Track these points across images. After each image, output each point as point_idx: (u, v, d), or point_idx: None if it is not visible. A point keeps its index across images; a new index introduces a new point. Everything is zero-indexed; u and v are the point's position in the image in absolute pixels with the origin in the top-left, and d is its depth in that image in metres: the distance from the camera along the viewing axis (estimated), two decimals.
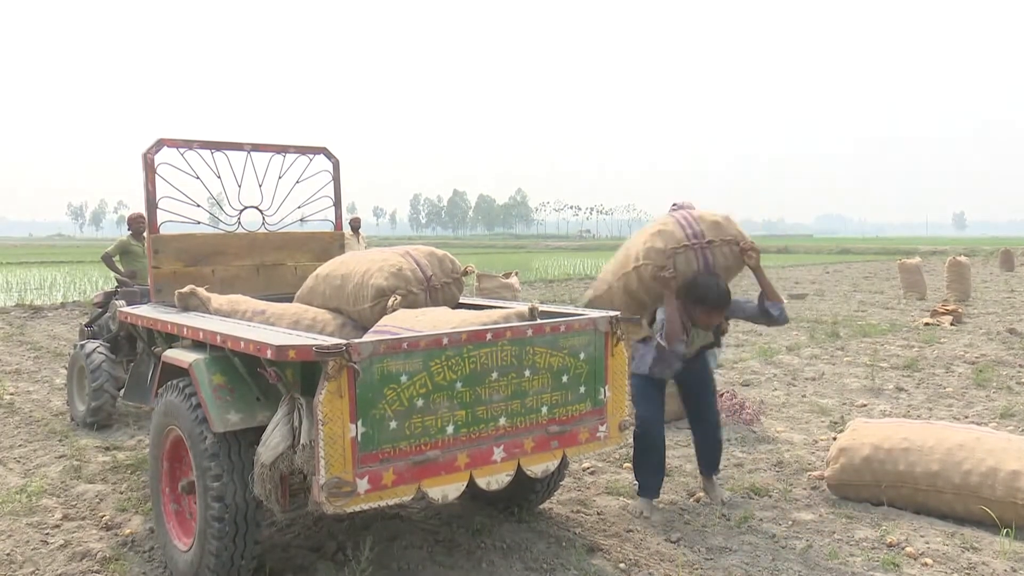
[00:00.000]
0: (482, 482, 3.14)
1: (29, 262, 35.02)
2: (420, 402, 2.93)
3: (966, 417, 6.10)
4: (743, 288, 7.45)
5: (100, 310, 6.61)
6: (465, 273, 4.12)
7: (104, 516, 4.13)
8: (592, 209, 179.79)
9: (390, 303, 3.63)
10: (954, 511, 3.93)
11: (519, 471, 3.25)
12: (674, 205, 5.90)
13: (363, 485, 2.80)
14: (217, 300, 3.97)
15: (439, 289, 3.94)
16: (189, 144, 4.62)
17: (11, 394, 7.25)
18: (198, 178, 4.69)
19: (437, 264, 3.98)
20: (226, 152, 4.76)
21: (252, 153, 4.83)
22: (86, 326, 6.66)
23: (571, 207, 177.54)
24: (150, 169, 4.43)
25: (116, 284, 6.66)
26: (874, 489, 4.13)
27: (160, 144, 4.48)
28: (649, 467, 4.12)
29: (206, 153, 4.68)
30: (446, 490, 3.03)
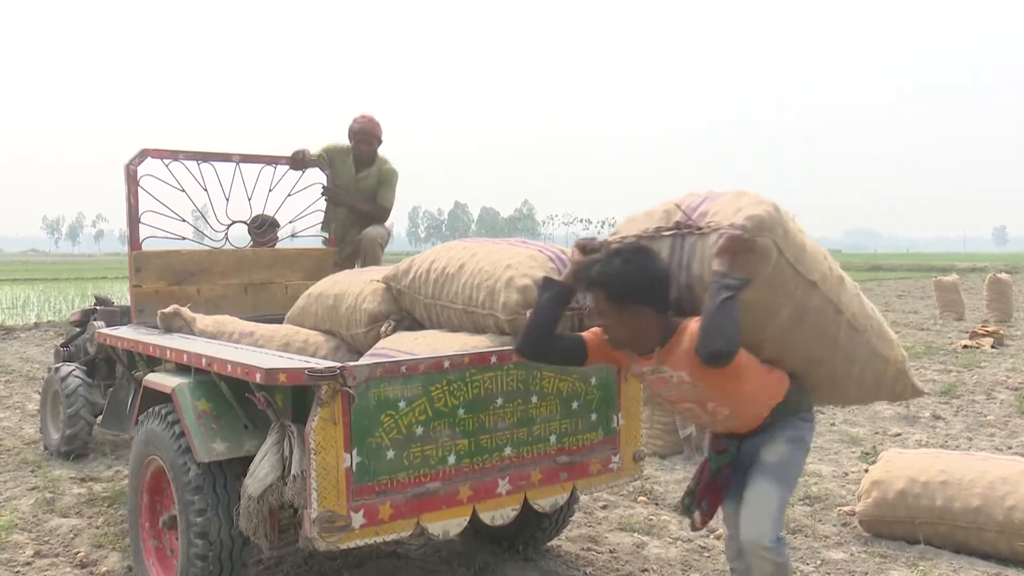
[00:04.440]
0: (486, 517, 3.13)
1: (0, 280, 35.20)
2: (419, 430, 2.94)
3: (1009, 448, 6.06)
4: None
5: (77, 329, 6.64)
6: None
7: (79, 553, 4.13)
8: (604, 223, 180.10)
9: (383, 329, 3.63)
10: (997, 550, 3.90)
11: (525, 505, 3.24)
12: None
13: (358, 519, 2.80)
14: (202, 321, 3.99)
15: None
16: (174, 155, 4.67)
17: None
18: (183, 191, 4.74)
19: None
20: (213, 163, 4.81)
21: (241, 164, 4.88)
22: (62, 346, 6.68)
23: (581, 220, 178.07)
24: (132, 181, 4.48)
25: (94, 301, 6.69)
26: (909, 526, 4.10)
27: (143, 155, 4.53)
28: None
29: (192, 164, 4.73)
30: (447, 525, 3.03)
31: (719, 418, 2.69)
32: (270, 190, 5.01)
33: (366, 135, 5.44)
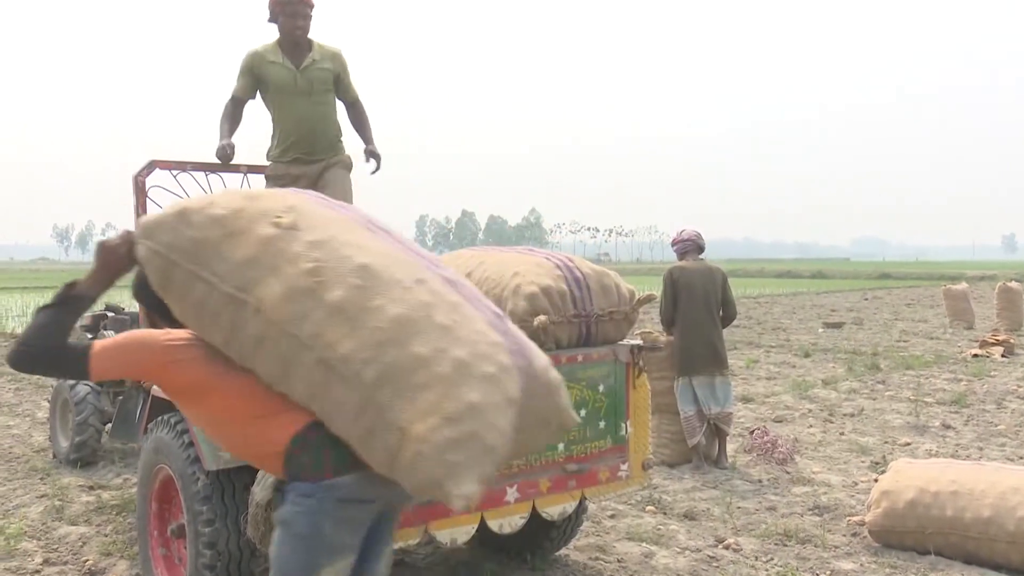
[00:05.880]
0: (494, 525, 3.13)
1: (10, 287, 35.42)
2: None
3: (1021, 458, 6.03)
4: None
5: (89, 335, 6.65)
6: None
7: (88, 561, 4.14)
8: (611, 231, 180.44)
9: None
10: (1009, 561, 3.88)
11: (534, 513, 3.24)
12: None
13: None
14: None
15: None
16: (183, 166, 4.69)
17: None
18: None
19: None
20: (221, 174, 4.83)
21: (248, 175, 4.90)
22: None
23: (589, 228, 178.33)
24: (141, 192, 4.50)
25: (105, 308, 6.72)
26: (919, 536, 4.08)
27: (152, 166, 4.55)
28: None
29: (200, 175, 4.75)
30: (455, 533, 3.03)
31: None
32: None
33: (302, 4, 4.31)
